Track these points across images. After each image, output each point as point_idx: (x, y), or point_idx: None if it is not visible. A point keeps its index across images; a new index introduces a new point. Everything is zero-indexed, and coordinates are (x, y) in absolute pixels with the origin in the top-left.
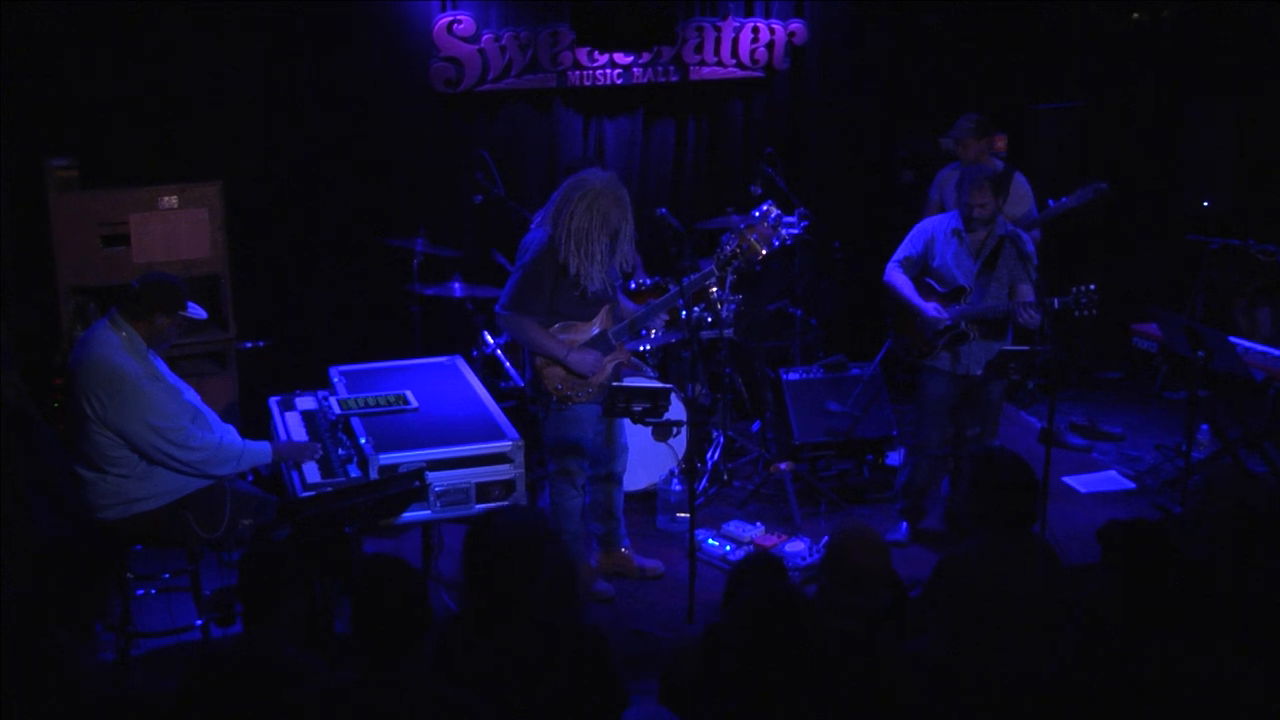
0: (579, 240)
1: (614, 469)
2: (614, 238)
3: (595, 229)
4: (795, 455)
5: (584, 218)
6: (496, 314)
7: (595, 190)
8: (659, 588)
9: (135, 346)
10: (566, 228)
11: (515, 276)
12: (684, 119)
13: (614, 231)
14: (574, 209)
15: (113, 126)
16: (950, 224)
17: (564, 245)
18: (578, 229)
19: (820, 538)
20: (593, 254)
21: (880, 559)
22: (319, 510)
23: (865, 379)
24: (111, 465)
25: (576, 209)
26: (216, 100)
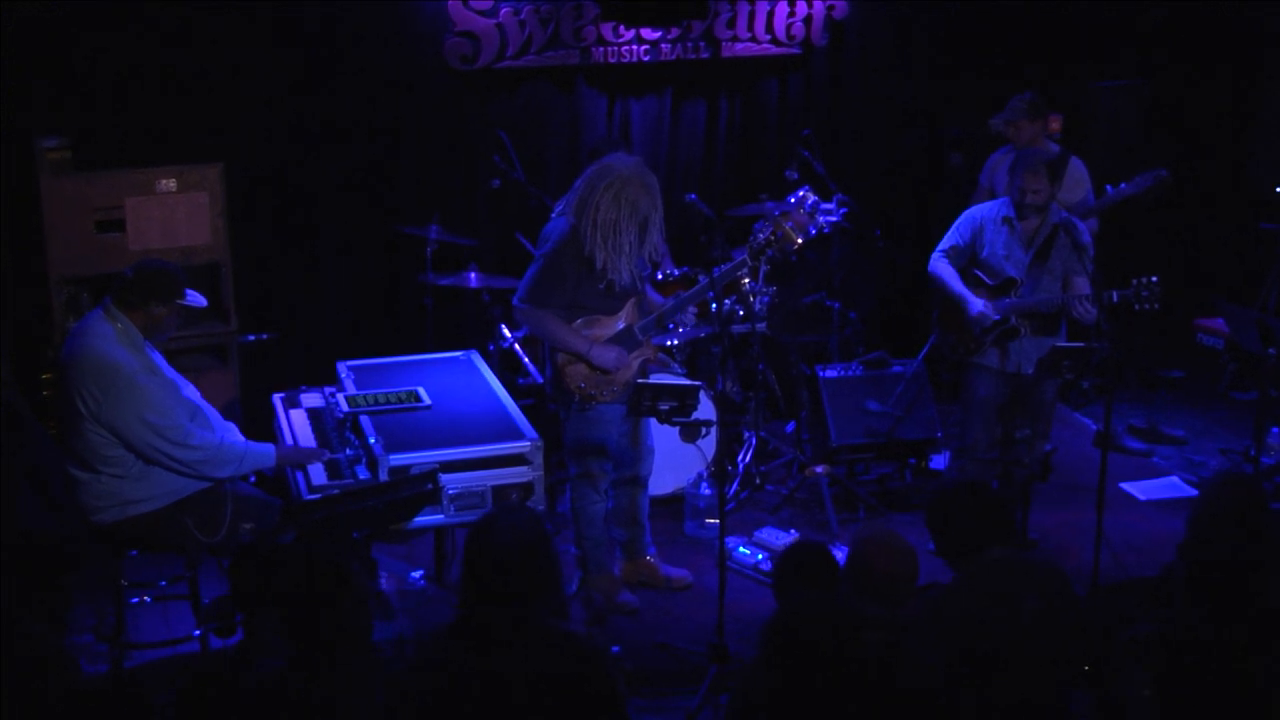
0: (606, 232)
1: (639, 472)
2: (643, 227)
3: (624, 219)
4: (832, 458)
5: (611, 208)
6: (514, 307)
7: (622, 177)
8: (686, 599)
9: (131, 338)
10: (592, 219)
11: (534, 267)
12: (715, 99)
13: (643, 221)
14: (600, 199)
15: (107, 105)
16: (1001, 211)
17: (590, 238)
18: (605, 220)
19: None
20: (621, 246)
21: (906, 564)
22: (325, 514)
23: (908, 377)
24: (105, 465)
25: (603, 199)
26: (218, 77)
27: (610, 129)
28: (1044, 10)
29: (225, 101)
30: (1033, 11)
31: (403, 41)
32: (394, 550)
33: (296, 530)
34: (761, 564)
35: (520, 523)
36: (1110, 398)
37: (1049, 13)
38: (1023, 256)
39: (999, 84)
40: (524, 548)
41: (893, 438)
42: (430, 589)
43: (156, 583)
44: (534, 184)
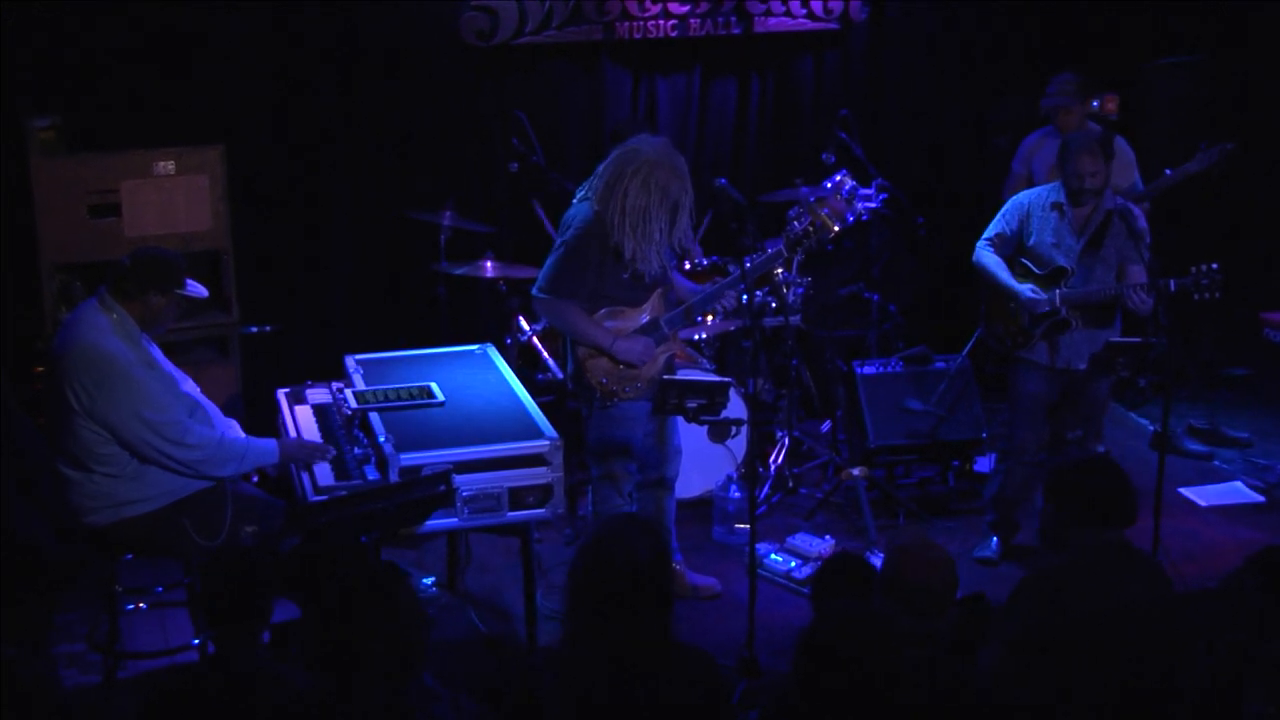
0: (635, 220)
1: (665, 474)
2: (673, 213)
3: (654, 206)
4: (870, 460)
5: (640, 194)
6: (533, 297)
7: (650, 161)
8: (715, 609)
9: (127, 330)
10: (620, 206)
11: (555, 255)
12: (747, 77)
13: (673, 206)
14: (628, 185)
15: (102, 82)
16: (1050, 196)
17: (618, 226)
18: (634, 207)
19: None
20: (650, 234)
21: (942, 575)
22: (332, 517)
23: (951, 373)
24: (99, 463)
25: (631, 185)
26: (220, 54)
27: (635, 109)
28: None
29: (227, 79)
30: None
31: (415, 16)
32: (404, 555)
33: (302, 534)
34: (794, 572)
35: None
36: (1169, 396)
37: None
38: (1074, 244)
39: (1049, 62)
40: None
41: (935, 439)
42: (443, 596)
43: (153, 589)
44: (554, 168)
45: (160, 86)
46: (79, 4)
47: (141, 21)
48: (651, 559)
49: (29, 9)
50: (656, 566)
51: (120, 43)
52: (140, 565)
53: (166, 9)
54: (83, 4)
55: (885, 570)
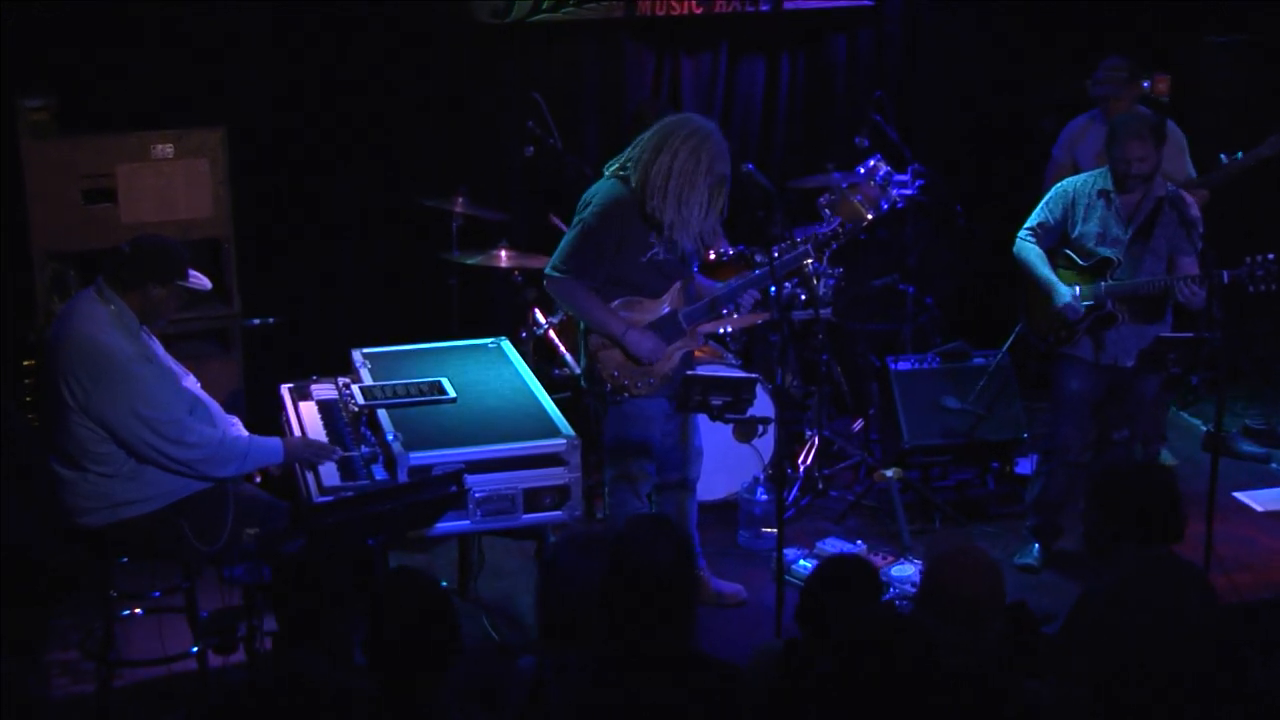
0: (682, 185)
1: (686, 475)
2: (714, 191)
3: (701, 176)
4: (904, 460)
5: (690, 160)
6: (547, 276)
7: (703, 132)
8: (740, 617)
9: (125, 322)
10: (668, 168)
11: (573, 231)
12: (776, 56)
13: (716, 183)
14: (678, 148)
15: (97, 60)
16: (1096, 184)
17: (660, 190)
18: (681, 171)
19: None
20: (692, 205)
21: (988, 584)
22: (338, 519)
23: (990, 370)
24: (94, 462)
25: (681, 149)
26: (221, 30)
27: (657, 90)
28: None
29: (228, 57)
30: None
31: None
32: (414, 559)
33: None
34: None
35: (668, 535)
36: (1222, 395)
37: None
38: (1121, 234)
39: (1095, 39)
40: (679, 563)
41: (973, 438)
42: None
43: (149, 594)
44: (572, 152)
45: (159, 65)
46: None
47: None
48: (673, 562)
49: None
50: (678, 571)
51: (116, 18)
52: (136, 569)
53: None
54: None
55: (926, 581)
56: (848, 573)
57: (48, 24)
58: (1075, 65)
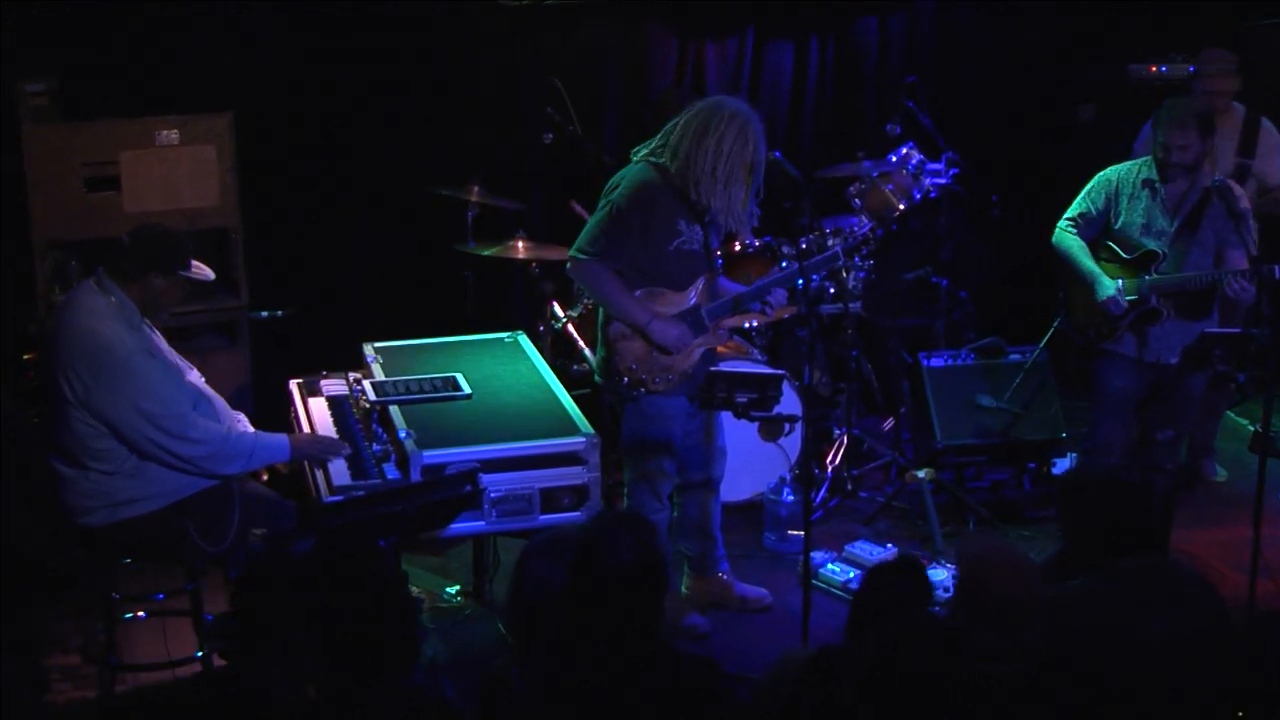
0: (730, 168)
1: (709, 475)
2: (750, 176)
3: (746, 158)
4: (937, 461)
5: (736, 142)
6: (570, 257)
7: (744, 114)
8: (765, 622)
9: (126, 314)
10: (713, 152)
11: (599, 214)
12: (804, 40)
13: (753, 168)
14: (723, 131)
15: (100, 42)
16: (1141, 173)
17: (706, 176)
18: (729, 153)
19: None
20: (737, 189)
21: (1027, 583)
22: (348, 519)
23: (1027, 367)
24: (95, 459)
25: (726, 132)
26: (227, 13)
27: (681, 76)
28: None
29: (237, 40)
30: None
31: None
32: (426, 561)
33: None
34: (852, 583)
35: (633, 532)
36: (1271, 394)
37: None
38: (1166, 226)
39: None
40: (644, 562)
41: (1009, 438)
42: (468, 606)
43: (153, 596)
44: (591, 139)
45: (164, 48)
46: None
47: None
48: (636, 561)
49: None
50: (643, 570)
51: (120, 1)
52: (139, 571)
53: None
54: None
55: (963, 583)
56: (903, 577)
57: (50, 5)
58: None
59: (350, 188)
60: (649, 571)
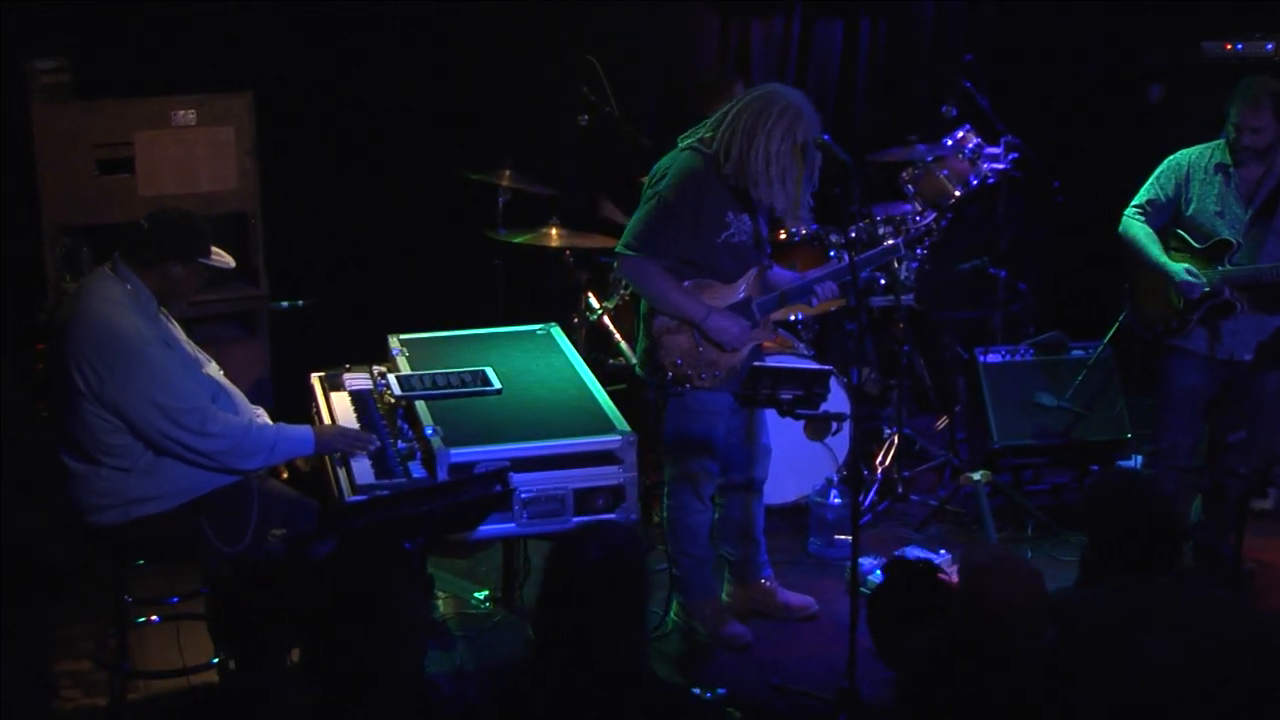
0: (783, 166)
1: (752, 475)
2: (801, 161)
3: (799, 152)
4: (993, 462)
5: (785, 140)
6: (617, 254)
7: (795, 107)
8: (811, 631)
9: (142, 303)
10: (764, 153)
11: (647, 206)
12: (855, 18)
13: (804, 151)
14: (771, 129)
15: (114, 18)
16: (1214, 157)
17: (762, 177)
18: (779, 152)
19: None
20: (795, 183)
21: (1028, 588)
22: (371, 520)
23: (1090, 364)
24: (108, 455)
25: (775, 131)
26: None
27: (724, 55)
28: None
29: (256, 18)
30: None
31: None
32: (454, 565)
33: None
34: None
35: (605, 536)
36: None
37: None
38: (1240, 213)
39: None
40: (603, 575)
41: (1070, 439)
42: (497, 613)
43: (167, 599)
44: (629, 121)
45: (181, 24)
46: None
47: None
48: (596, 574)
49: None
50: (599, 582)
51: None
52: (153, 572)
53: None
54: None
55: (961, 592)
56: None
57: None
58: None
59: (376, 171)
60: (613, 583)
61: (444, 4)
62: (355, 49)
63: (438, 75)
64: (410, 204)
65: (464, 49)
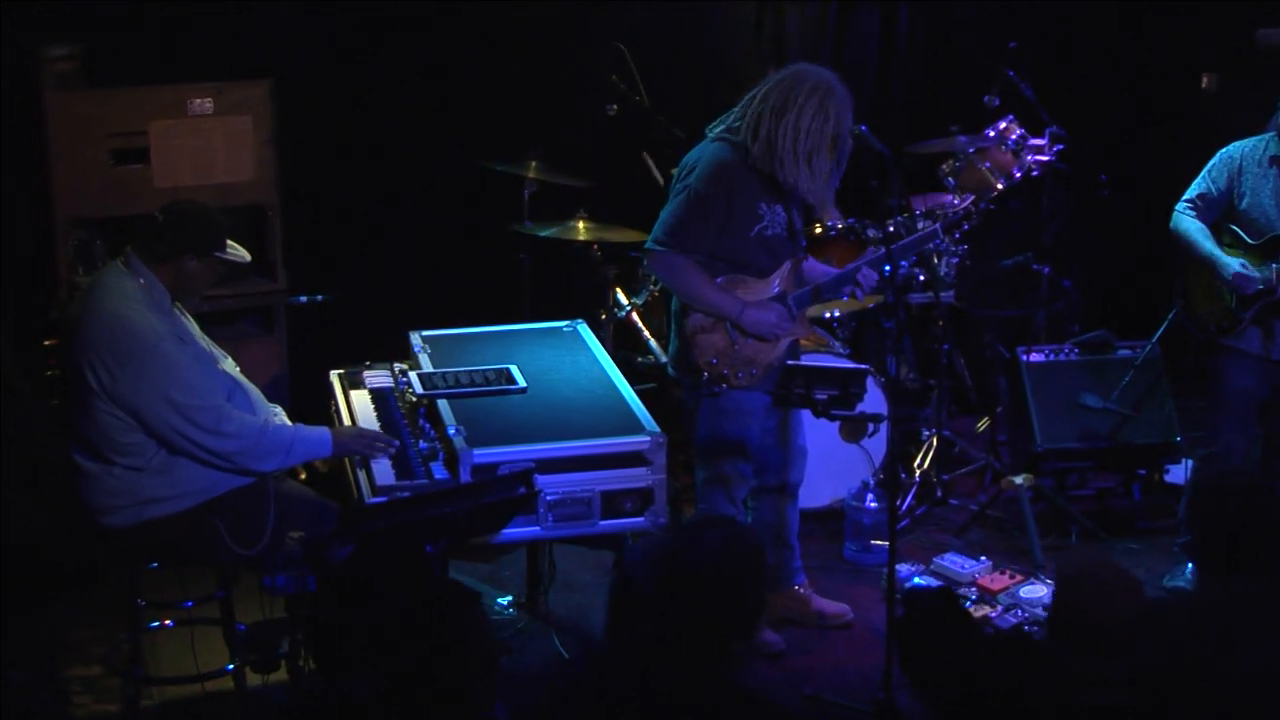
0: (811, 145)
1: (787, 478)
2: (833, 150)
3: (829, 133)
4: (1037, 466)
5: (818, 116)
6: (648, 251)
7: (826, 84)
8: (845, 640)
9: (156, 298)
10: (794, 129)
11: (676, 200)
12: (893, 4)
13: (840, 139)
14: (803, 105)
15: (129, 2)
16: (1268, 149)
17: (789, 154)
18: (809, 129)
19: None
20: (822, 167)
21: (1128, 604)
22: (392, 522)
23: (1138, 364)
24: (120, 454)
25: (806, 106)
26: None
27: (758, 41)
28: None
29: (274, 2)
30: None
31: None
32: (476, 570)
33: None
34: None
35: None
36: None
37: None
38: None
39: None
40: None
41: (1117, 442)
42: (521, 619)
43: (181, 603)
44: (660, 111)
45: (197, 10)
46: None
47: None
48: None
49: None
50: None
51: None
52: (167, 575)
53: None
54: None
55: (1056, 606)
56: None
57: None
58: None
59: (397, 162)
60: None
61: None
62: (376, 35)
63: (462, 62)
64: (433, 196)
65: (489, 37)
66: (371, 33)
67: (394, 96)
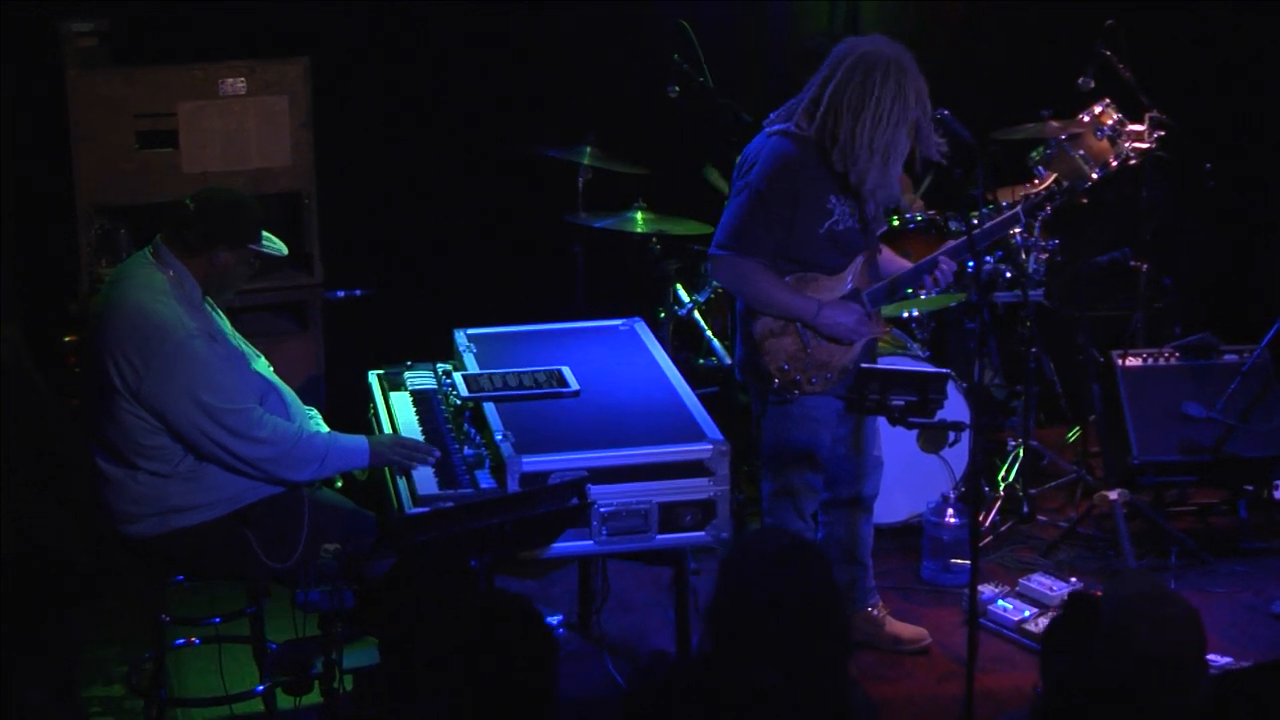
0: (890, 136)
1: (861, 491)
2: (912, 136)
3: (907, 122)
4: (1133, 480)
5: (896, 100)
6: (711, 255)
7: (900, 64)
8: (922, 666)
9: (186, 292)
10: (874, 113)
11: (738, 200)
12: None
13: (914, 126)
14: (879, 90)
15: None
16: None
17: (865, 148)
18: (887, 116)
19: None
20: (896, 161)
21: (1186, 635)
22: (434, 535)
23: (1245, 370)
24: (145, 458)
25: (885, 89)
26: None
27: (832, 20)
28: None
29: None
30: None
31: None
32: (525, 586)
33: (396, 555)
34: (1028, 623)
35: (808, 561)
36: None
37: None
38: None
39: None
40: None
41: (1221, 454)
42: (572, 640)
43: (208, 619)
44: (725, 94)
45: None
46: None
47: None
48: (809, 594)
49: None
50: (818, 604)
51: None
52: (193, 589)
53: None
54: None
55: (1106, 631)
56: None
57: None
58: None
59: (442, 148)
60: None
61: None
62: (420, 13)
63: (511, 42)
64: (480, 184)
65: (540, 14)
66: (415, 10)
67: (440, 78)
